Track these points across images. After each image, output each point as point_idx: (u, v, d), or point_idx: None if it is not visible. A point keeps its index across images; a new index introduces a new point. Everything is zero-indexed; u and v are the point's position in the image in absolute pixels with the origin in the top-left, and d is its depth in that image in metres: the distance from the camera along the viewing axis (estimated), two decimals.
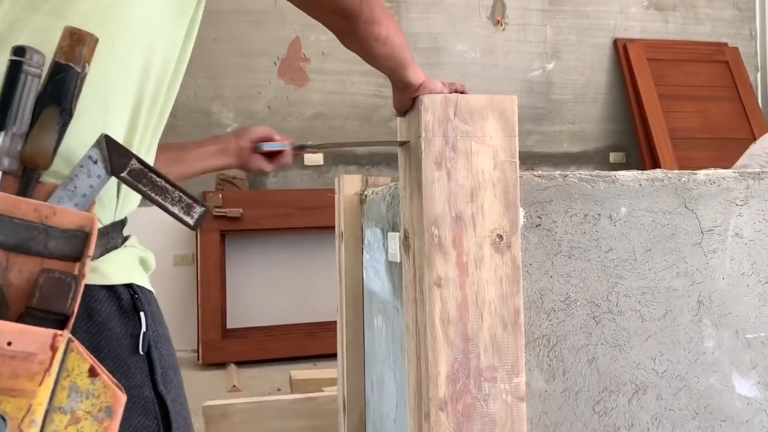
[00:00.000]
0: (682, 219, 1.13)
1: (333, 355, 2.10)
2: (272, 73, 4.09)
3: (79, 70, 0.78)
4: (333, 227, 1.90)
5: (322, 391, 2.56)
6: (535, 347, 1.08)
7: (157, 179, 0.81)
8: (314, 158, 4.10)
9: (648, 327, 1.12)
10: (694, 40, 4.64)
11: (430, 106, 0.99)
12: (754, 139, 4.25)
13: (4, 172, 0.76)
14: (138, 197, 0.91)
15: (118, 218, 0.89)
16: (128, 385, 0.77)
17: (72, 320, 0.72)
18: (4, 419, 0.67)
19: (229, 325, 3.98)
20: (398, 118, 1.14)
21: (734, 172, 1.17)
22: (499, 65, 4.37)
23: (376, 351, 1.54)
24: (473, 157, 1.00)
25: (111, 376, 0.74)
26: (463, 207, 0.99)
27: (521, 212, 1.06)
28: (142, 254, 0.94)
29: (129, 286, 0.88)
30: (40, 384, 0.68)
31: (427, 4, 4.23)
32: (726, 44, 4.66)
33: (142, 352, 0.87)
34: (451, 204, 0.99)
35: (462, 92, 1.05)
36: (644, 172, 1.14)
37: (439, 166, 0.99)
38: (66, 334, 0.70)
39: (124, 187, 0.88)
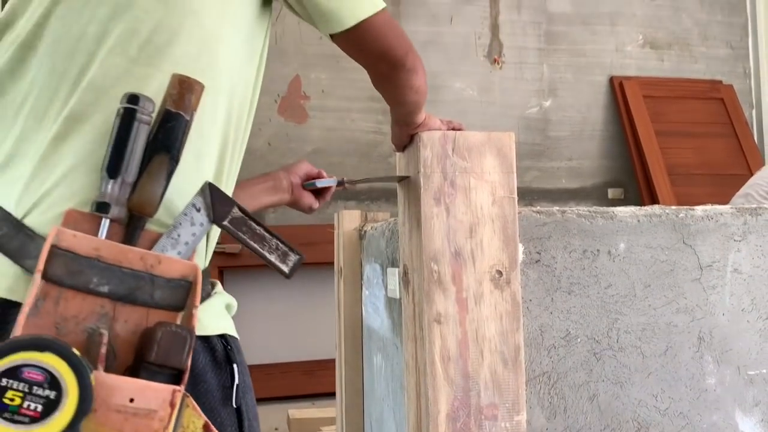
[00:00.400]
0: (680, 255, 1.13)
1: (332, 394, 2.08)
2: (272, 111, 4.12)
3: (188, 118, 0.79)
4: (332, 263, 1.90)
5: (321, 430, 2.53)
6: (536, 384, 1.07)
7: (257, 227, 0.82)
8: None
9: (649, 363, 1.11)
10: (690, 77, 4.69)
11: (429, 142, 1.00)
12: (751, 174, 4.27)
13: (111, 220, 0.76)
14: (214, 243, 0.93)
15: (206, 266, 0.90)
16: None
17: (186, 375, 0.71)
18: None
19: None
20: (397, 154, 1.15)
21: (732, 207, 1.18)
22: (497, 102, 4.42)
23: (375, 389, 1.53)
24: (472, 193, 1.00)
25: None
26: (463, 243, 0.99)
27: (520, 248, 1.06)
28: (228, 300, 0.96)
29: (222, 337, 0.89)
30: None
31: (425, 42, 4.29)
32: (721, 82, 4.72)
33: (234, 405, 0.87)
34: (450, 240, 0.99)
35: (459, 130, 1.06)
36: (642, 207, 1.14)
37: (438, 202, 0.99)
38: (182, 389, 0.70)
39: (211, 235, 0.89)
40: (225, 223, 0.80)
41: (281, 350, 4.03)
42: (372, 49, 0.94)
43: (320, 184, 1.24)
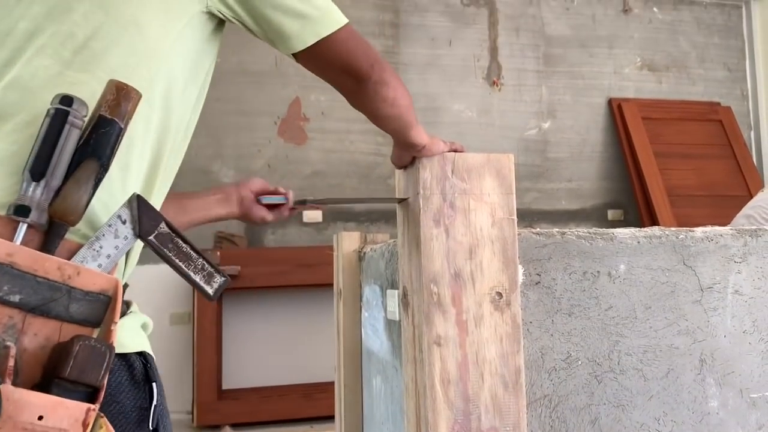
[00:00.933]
0: (681, 276, 1.13)
1: (331, 417, 2.06)
2: (272, 132, 4.14)
3: (122, 126, 0.76)
4: (331, 285, 1.89)
5: None
6: (537, 407, 1.06)
7: (183, 245, 0.78)
8: (313, 215, 4.11)
9: (651, 386, 1.10)
10: (688, 99, 4.73)
11: (428, 164, 1.00)
12: (751, 196, 4.28)
13: (28, 225, 0.71)
14: (135, 261, 0.89)
15: (124, 282, 0.86)
16: None
17: (102, 393, 0.68)
18: None
19: (225, 385, 3.90)
20: (397, 175, 1.15)
21: (732, 229, 1.17)
22: (496, 124, 4.44)
23: (375, 412, 1.51)
24: (471, 215, 1.00)
25: None
26: (462, 264, 0.99)
27: (520, 269, 1.06)
28: (144, 320, 0.92)
29: (141, 354, 0.85)
30: None
31: (424, 65, 4.33)
32: (719, 104, 4.75)
33: (151, 428, 0.83)
34: (449, 261, 0.98)
35: (460, 152, 1.06)
36: (642, 229, 1.14)
37: (437, 224, 0.99)
38: (97, 407, 0.66)
39: (132, 252, 0.85)
40: (150, 238, 0.76)
41: (279, 373, 4.00)
42: (334, 65, 0.94)
43: (267, 200, 1.25)
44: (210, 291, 0.79)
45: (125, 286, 0.87)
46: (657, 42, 4.78)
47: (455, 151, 1.06)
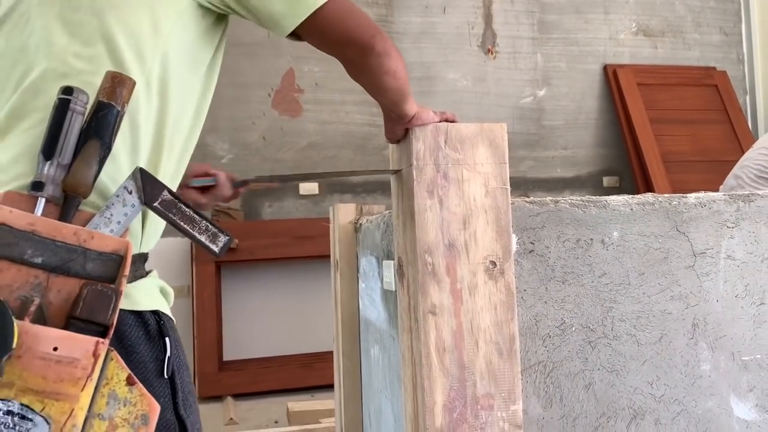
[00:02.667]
0: (674, 242, 1.14)
1: (330, 386, 2.09)
2: (266, 105, 4.12)
3: (119, 109, 0.86)
4: (328, 256, 1.90)
5: (320, 422, 2.54)
6: (532, 374, 1.08)
7: (186, 209, 0.87)
8: (309, 187, 4.11)
9: (644, 351, 1.12)
10: (683, 64, 4.70)
11: (421, 135, 1.00)
12: None
13: (46, 200, 0.83)
14: (157, 234, 1.00)
15: (143, 251, 0.96)
16: None
17: (112, 330, 0.77)
18: (47, 422, 0.71)
19: (226, 357, 3.94)
20: (390, 147, 1.15)
21: (725, 194, 1.18)
22: (491, 93, 4.42)
23: (373, 381, 1.53)
24: (465, 185, 1.00)
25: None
26: (456, 234, 0.99)
27: (514, 238, 1.07)
28: (163, 286, 1.01)
29: (155, 313, 0.95)
30: (83, 389, 0.72)
31: (418, 34, 4.29)
32: (714, 68, 4.72)
33: (166, 376, 0.93)
34: (443, 231, 0.99)
35: (452, 122, 1.05)
36: (635, 196, 1.15)
37: (431, 194, 0.99)
38: (107, 342, 0.75)
39: (147, 221, 0.95)
40: (155, 204, 0.86)
41: (280, 343, 4.04)
42: (335, 36, 0.95)
43: (195, 183, 1.26)
44: (216, 249, 0.88)
45: (146, 254, 0.98)
46: (653, 6, 4.74)
47: (448, 120, 1.06)
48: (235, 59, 4.04)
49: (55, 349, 0.72)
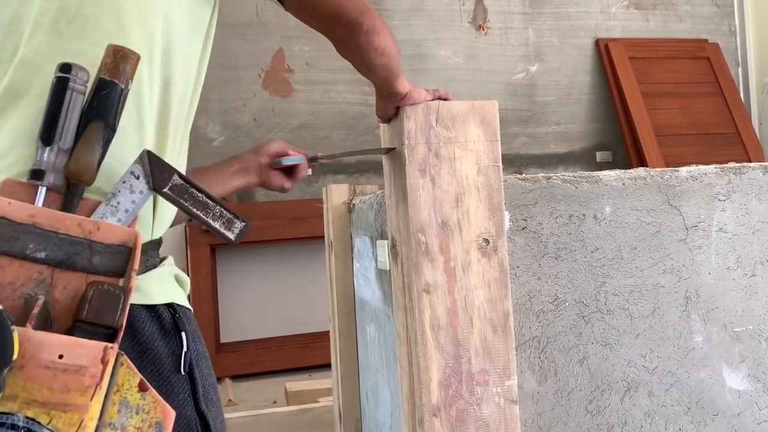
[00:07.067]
0: (666, 216, 1.14)
1: (328, 366, 2.10)
2: (257, 86, 4.09)
3: (123, 87, 0.79)
4: (322, 237, 1.90)
5: (318, 402, 2.56)
6: (526, 349, 1.09)
7: (198, 194, 0.81)
8: None
9: (637, 325, 1.13)
10: (675, 37, 4.68)
11: (412, 114, 1.00)
12: (738, 133, 4.28)
13: (48, 188, 0.76)
14: (170, 217, 0.93)
15: (155, 237, 0.90)
16: (172, 405, 0.76)
17: (121, 333, 0.71)
18: None
19: (223, 339, 3.96)
20: (381, 126, 1.15)
21: (716, 167, 1.18)
22: (483, 69, 4.40)
23: (369, 359, 1.54)
24: (456, 163, 1.00)
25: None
26: (449, 213, 1.00)
27: (506, 216, 1.07)
28: (178, 273, 0.95)
29: (169, 306, 0.89)
30: (92, 398, 0.67)
31: (408, 11, 4.25)
32: (706, 40, 4.70)
33: (183, 372, 0.88)
34: (436, 210, 0.99)
35: (445, 99, 1.05)
36: (627, 171, 1.15)
37: (423, 173, 0.99)
38: (116, 347, 0.70)
39: (158, 206, 0.89)
40: (165, 190, 0.80)
41: (276, 324, 4.06)
42: (323, 12, 0.93)
43: (286, 162, 1.21)
44: (231, 236, 0.82)
45: (159, 240, 0.92)
46: None
47: (440, 98, 1.05)
48: (225, 40, 4.00)
49: (61, 356, 0.66)
